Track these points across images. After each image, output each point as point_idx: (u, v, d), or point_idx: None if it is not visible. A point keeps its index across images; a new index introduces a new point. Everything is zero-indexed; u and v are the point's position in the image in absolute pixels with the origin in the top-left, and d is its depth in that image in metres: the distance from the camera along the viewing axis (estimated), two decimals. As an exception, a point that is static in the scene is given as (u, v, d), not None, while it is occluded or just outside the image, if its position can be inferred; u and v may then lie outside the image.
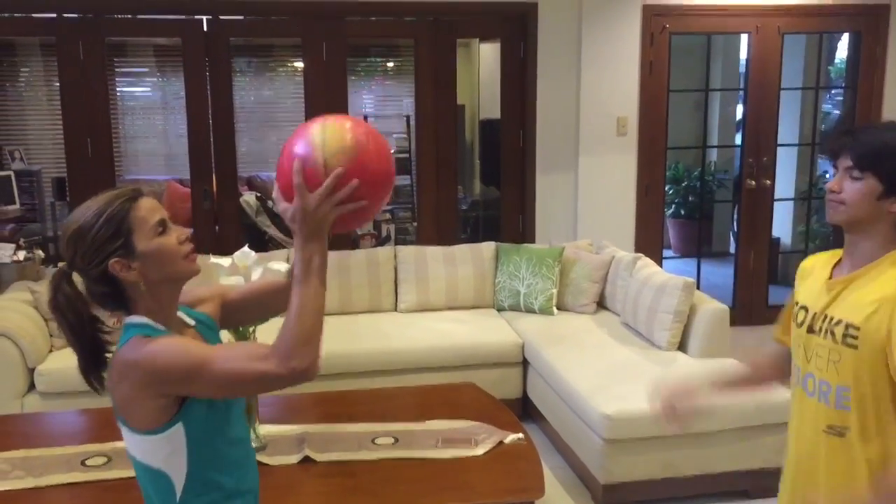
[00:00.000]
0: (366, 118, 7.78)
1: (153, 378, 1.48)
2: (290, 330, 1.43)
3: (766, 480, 3.61)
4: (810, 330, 1.86)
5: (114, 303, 1.60)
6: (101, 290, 1.58)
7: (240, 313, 1.82)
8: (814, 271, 1.96)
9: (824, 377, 1.82)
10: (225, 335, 1.87)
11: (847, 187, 1.79)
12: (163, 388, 1.49)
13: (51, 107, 7.21)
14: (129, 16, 5.28)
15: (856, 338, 1.75)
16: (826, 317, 1.82)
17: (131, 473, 2.79)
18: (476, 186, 7.80)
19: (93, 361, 1.60)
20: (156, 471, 1.57)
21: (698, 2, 5.55)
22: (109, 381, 1.55)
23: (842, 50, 7.56)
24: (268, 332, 3.14)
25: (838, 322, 1.79)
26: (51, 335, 4.21)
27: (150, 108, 7.63)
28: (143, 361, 1.48)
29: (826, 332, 1.82)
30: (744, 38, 5.87)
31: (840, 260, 1.89)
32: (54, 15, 5.12)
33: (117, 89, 7.35)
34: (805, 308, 1.90)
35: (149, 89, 7.64)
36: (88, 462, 2.92)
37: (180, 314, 1.67)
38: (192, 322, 1.69)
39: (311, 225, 1.44)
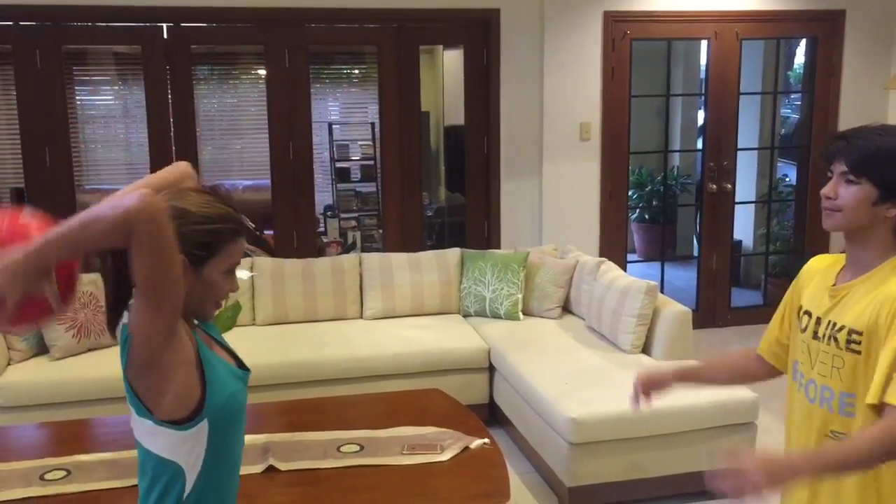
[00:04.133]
0: (331, 126, 7.75)
1: (142, 339, 1.46)
2: None
3: (730, 480, 3.65)
4: (815, 336, 1.83)
5: None
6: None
7: None
8: (816, 276, 1.92)
9: (827, 383, 1.78)
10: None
11: (842, 193, 1.75)
12: (155, 339, 1.46)
13: (8, 116, 7.06)
14: (88, 23, 5.21)
15: (859, 343, 1.72)
16: (829, 322, 1.79)
17: (91, 487, 2.77)
18: (441, 193, 7.80)
19: (117, 310, 1.60)
20: (172, 464, 1.58)
21: (658, 8, 5.61)
22: (130, 385, 1.55)
23: (800, 55, 7.70)
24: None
25: (841, 328, 1.76)
26: (8, 348, 4.13)
27: (110, 117, 7.52)
28: (134, 337, 1.48)
29: (829, 337, 1.78)
30: (703, 43, 5.94)
31: (843, 266, 1.86)
32: (10, 23, 5.04)
33: (76, 98, 7.24)
34: (808, 313, 1.87)
35: (109, 98, 7.53)
36: (47, 476, 2.87)
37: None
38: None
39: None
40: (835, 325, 1.78)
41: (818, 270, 1.92)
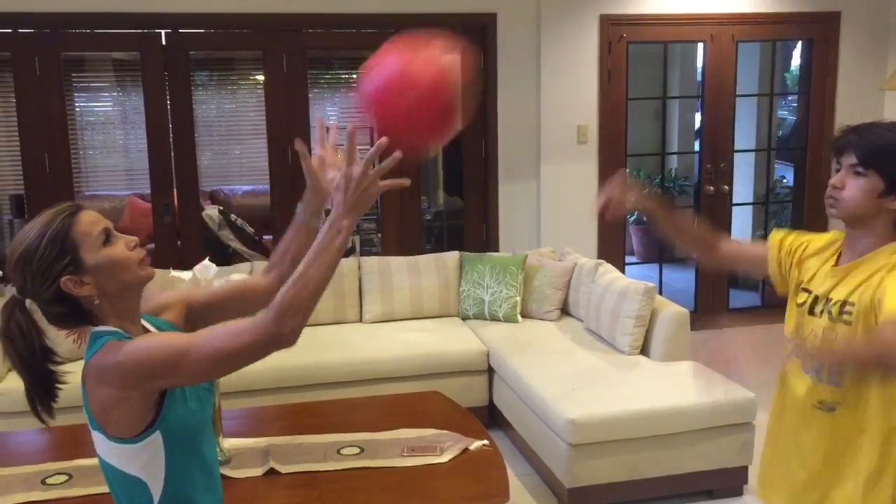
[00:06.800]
0: (328, 130, 7.76)
1: (139, 373, 1.45)
2: (289, 292, 1.43)
3: (730, 480, 3.67)
4: (811, 312, 1.91)
5: (74, 320, 1.59)
6: (58, 310, 1.56)
7: (205, 317, 1.79)
8: (815, 254, 2.00)
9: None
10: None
11: (850, 184, 1.83)
12: (149, 381, 1.47)
13: (7, 123, 7.09)
14: (87, 30, 5.23)
15: (850, 313, 1.80)
16: (828, 300, 1.88)
17: (93, 491, 2.78)
18: (440, 196, 7.82)
19: (43, 391, 1.60)
20: (133, 478, 1.57)
21: (654, 11, 5.64)
22: (86, 390, 1.54)
23: (797, 56, 7.72)
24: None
25: (836, 302, 1.85)
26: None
27: (109, 123, 7.54)
28: (126, 359, 1.46)
29: (824, 311, 1.88)
30: (699, 46, 5.96)
31: (841, 251, 1.95)
32: (9, 30, 5.06)
33: (76, 104, 7.27)
34: (808, 290, 1.96)
35: (108, 104, 7.56)
36: (49, 481, 2.88)
37: (143, 322, 1.66)
38: (154, 330, 1.68)
39: (356, 195, 1.56)
40: (832, 300, 1.87)
41: (817, 249, 2.00)
